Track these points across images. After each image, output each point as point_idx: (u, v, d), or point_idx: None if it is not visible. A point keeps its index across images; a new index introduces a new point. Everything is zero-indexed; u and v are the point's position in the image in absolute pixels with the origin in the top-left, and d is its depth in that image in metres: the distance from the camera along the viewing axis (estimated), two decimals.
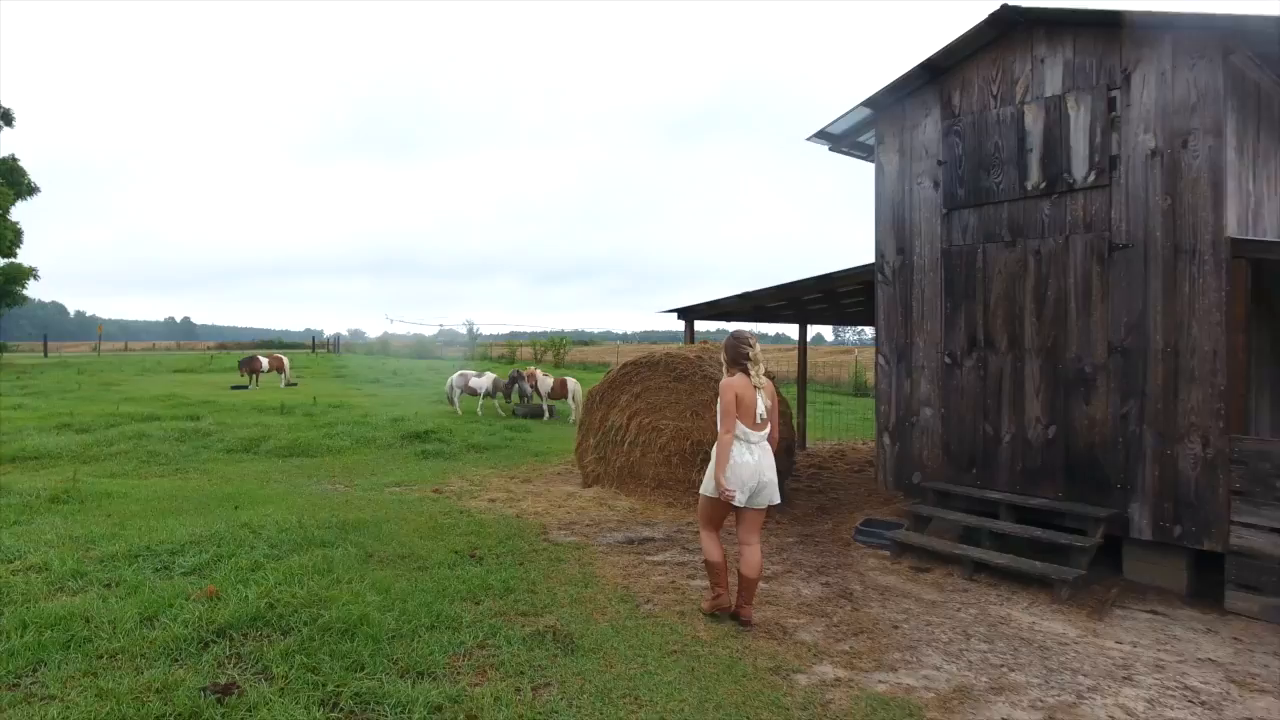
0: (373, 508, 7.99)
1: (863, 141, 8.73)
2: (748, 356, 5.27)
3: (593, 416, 8.94)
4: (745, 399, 5.18)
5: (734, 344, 5.35)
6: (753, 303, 10.03)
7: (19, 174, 39.04)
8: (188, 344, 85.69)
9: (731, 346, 5.36)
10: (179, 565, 5.87)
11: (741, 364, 5.28)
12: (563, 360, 38.65)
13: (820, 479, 10.31)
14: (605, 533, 7.32)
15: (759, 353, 5.35)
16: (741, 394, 5.17)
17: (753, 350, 5.30)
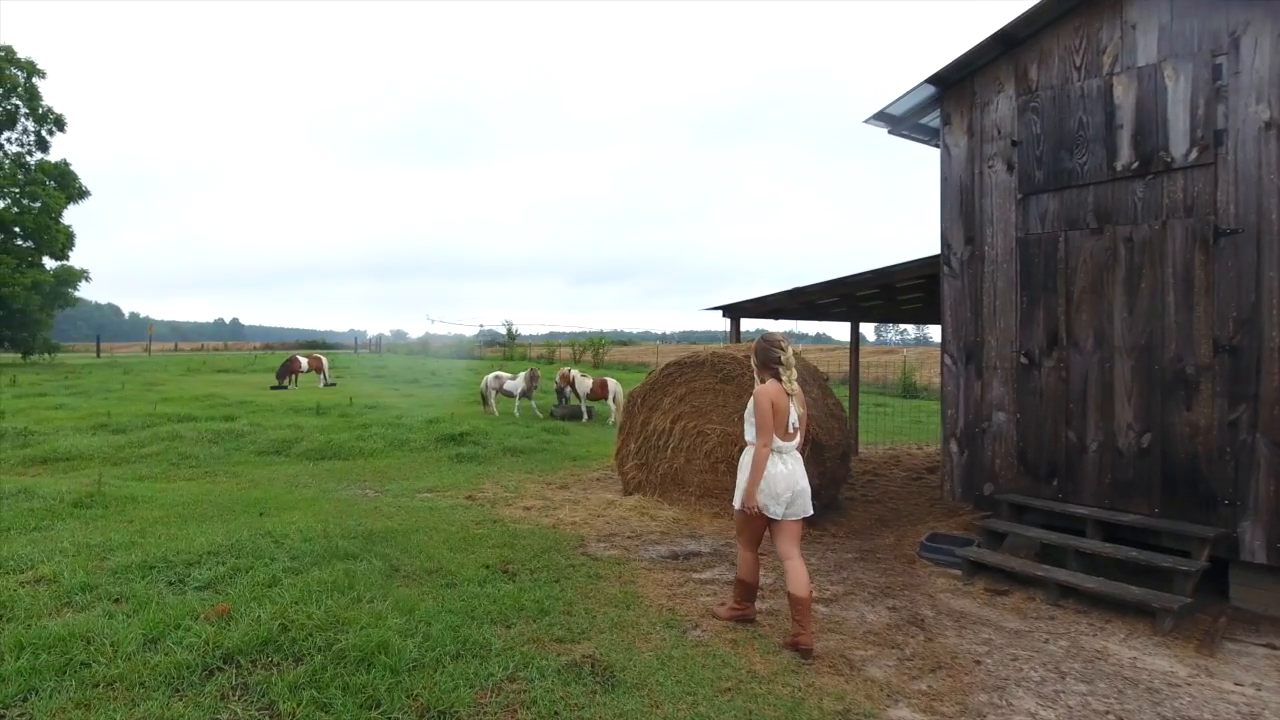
0: (402, 515, 7.57)
1: (925, 124, 8.09)
2: (779, 361, 4.91)
3: (633, 420, 8.43)
4: (779, 407, 4.84)
5: (765, 347, 4.96)
6: (803, 299, 9.42)
7: (70, 178, 39.93)
8: (235, 344, 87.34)
9: (762, 350, 4.97)
10: (194, 578, 5.50)
11: (773, 368, 4.93)
12: (602, 360, 38.25)
13: (876, 487, 9.66)
14: (647, 546, 6.80)
15: (791, 356, 5.00)
16: (776, 402, 4.82)
17: (785, 354, 4.94)
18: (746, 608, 5.10)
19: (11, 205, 37.92)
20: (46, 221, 38.40)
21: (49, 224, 38.49)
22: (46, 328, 39.41)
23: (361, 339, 66.06)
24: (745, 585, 5.08)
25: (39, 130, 40.03)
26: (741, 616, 5.09)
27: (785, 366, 4.92)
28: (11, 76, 38.01)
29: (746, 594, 5.10)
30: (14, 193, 37.83)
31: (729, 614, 5.10)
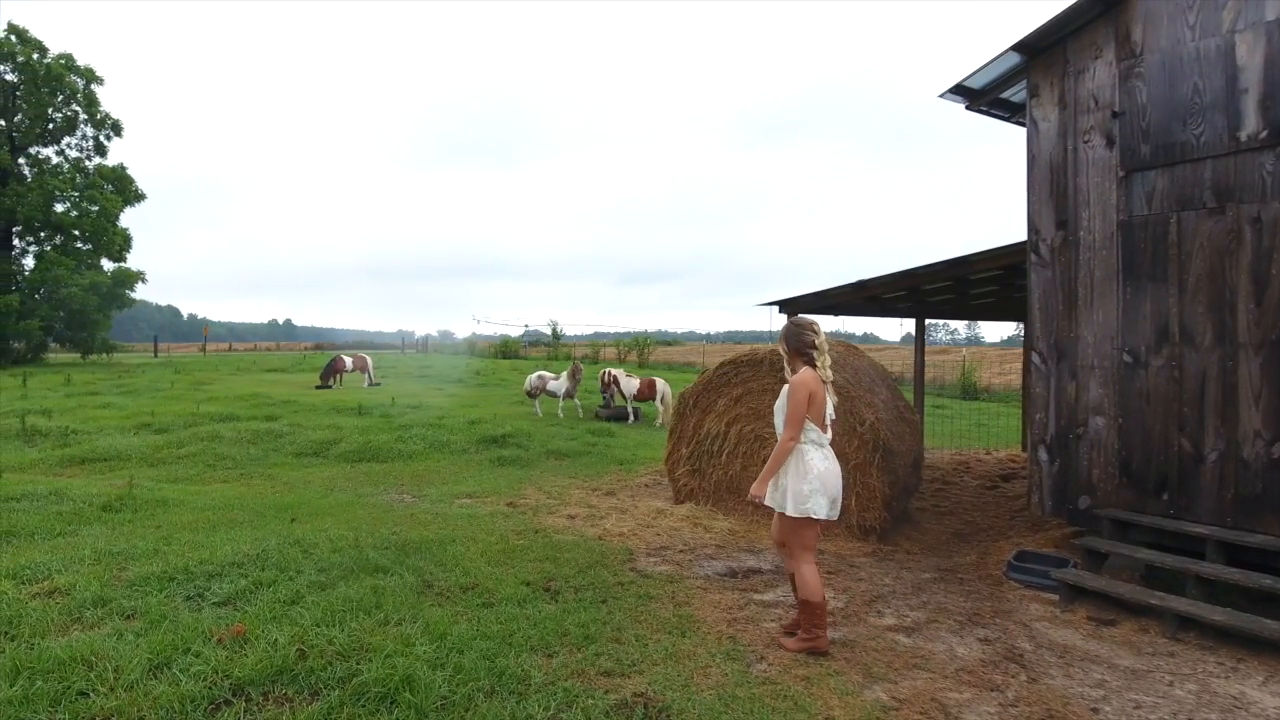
0: (438, 524, 7.11)
1: (1007, 98, 7.36)
2: (813, 345, 4.54)
3: (685, 423, 7.84)
4: (817, 397, 4.46)
5: (796, 330, 4.52)
6: (867, 293, 8.74)
7: (127, 182, 40.79)
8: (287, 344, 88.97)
9: (794, 334, 4.52)
10: (213, 593, 5.10)
11: (806, 354, 4.53)
12: (647, 360, 37.73)
13: (947, 496, 8.92)
14: (702, 561, 6.22)
15: (824, 341, 4.63)
16: (815, 392, 4.45)
17: (818, 338, 4.57)
18: (818, 637, 4.49)
19: (71, 209, 38.88)
20: (104, 224, 39.30)
21: (106, 226, 39.39)
22: (104, 328, 40.31)
23: (409, 339, 66.61)
24: (814, 609, 4.49)
25: (97, 135, 41.04)
26: (813, 648, 4.48)
27: (819, 351, 4.52)
28: (71, 83, 38.96)
29: (816, 618, 4.49)
30: (73, 196, 38.75)
31: (799, 646, 4.50)
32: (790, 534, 4.57)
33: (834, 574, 5.97)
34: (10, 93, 38.11)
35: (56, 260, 37.39)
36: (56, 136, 40.20)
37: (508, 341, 53.56)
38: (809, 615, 4.50)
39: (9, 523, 6.80)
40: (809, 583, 4.51)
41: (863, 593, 5.56)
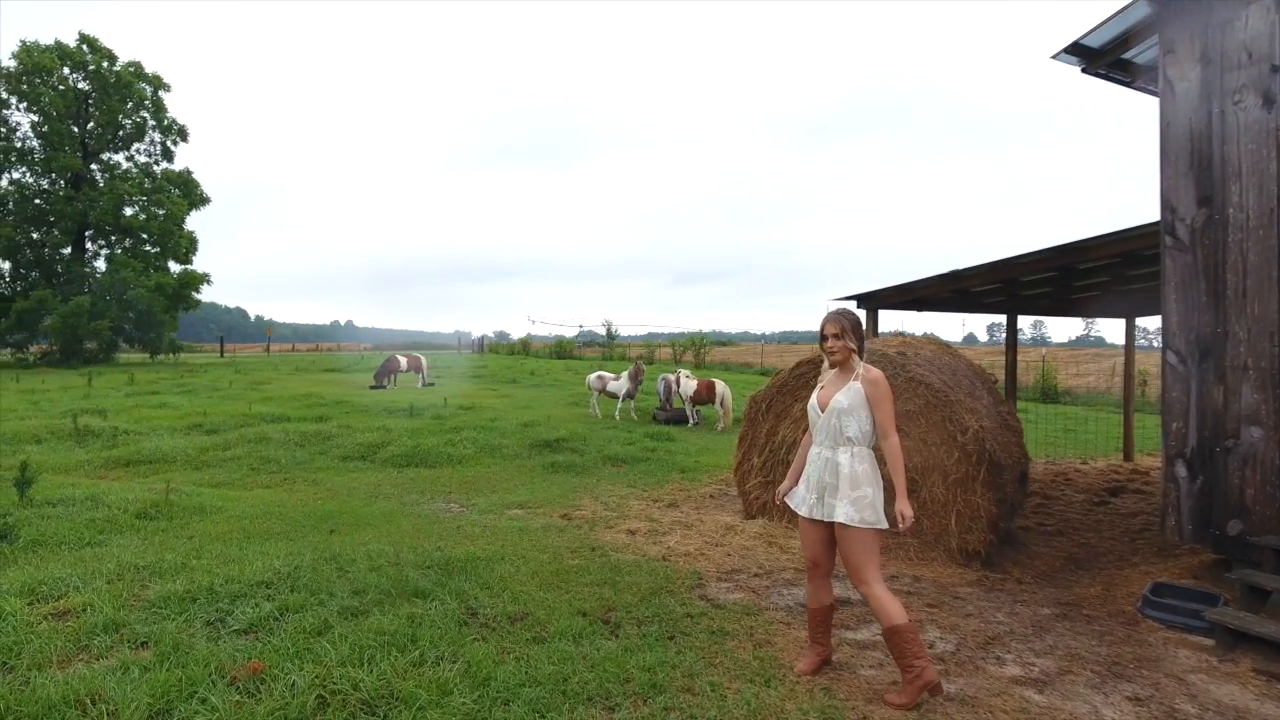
0: (487, 538, 6.51)
1: (1130, 59, 6.42)
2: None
3: (757, 429, 7.09)
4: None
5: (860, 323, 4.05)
6: (958, 285, 7.86)
7: (192, 185, 41.67)
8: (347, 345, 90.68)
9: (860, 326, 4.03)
10: (236, 618, 4.56)
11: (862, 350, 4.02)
12: (703, 361, 36.91)
13: (1050, 513, 7.97)
14: (781, 588, 5.46)
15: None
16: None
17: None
18: (923, 669, 3.72)
19: (139, 212, 39.86)
20: (171, 227, 40.24)
21: (173, 229, 40.32)
22: (171, 328, 41.24)
23: (465, 339, 67.02)
24: (906, 634, 3.77)
25: (164, 141, 42.10)
26: (925, 686, 3.71)
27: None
28: (140, 90, 39.97)
29: (911, 646, 3.76)
30: (141, 200, 39.73)
31: (908, 699, 3.72)
32: (866, 552, 3.84)
33: (936, 607, 5.16)
34: (83, 100, 39.25)
35: (125, 263, 38.39)
36: (127, 143, 41.34)
37: (562, 342, 53.32)
38: (902, 645, 3.77)
39: (38, 531, 6.43)
40: (891, 605, 3.80)
41: (975, 632, 4.74)
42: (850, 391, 3.87)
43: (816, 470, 3.90)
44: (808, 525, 3.98)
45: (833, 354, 3.93)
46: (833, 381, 3.98)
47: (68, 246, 39.52)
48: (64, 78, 38.48)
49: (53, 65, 37.45)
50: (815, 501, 3.89)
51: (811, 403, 3.99)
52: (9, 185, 38.20)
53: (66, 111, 38.13)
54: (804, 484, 3.99)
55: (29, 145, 38.33)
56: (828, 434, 3.88)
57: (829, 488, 3.85)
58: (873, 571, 3.83)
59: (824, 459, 3.88)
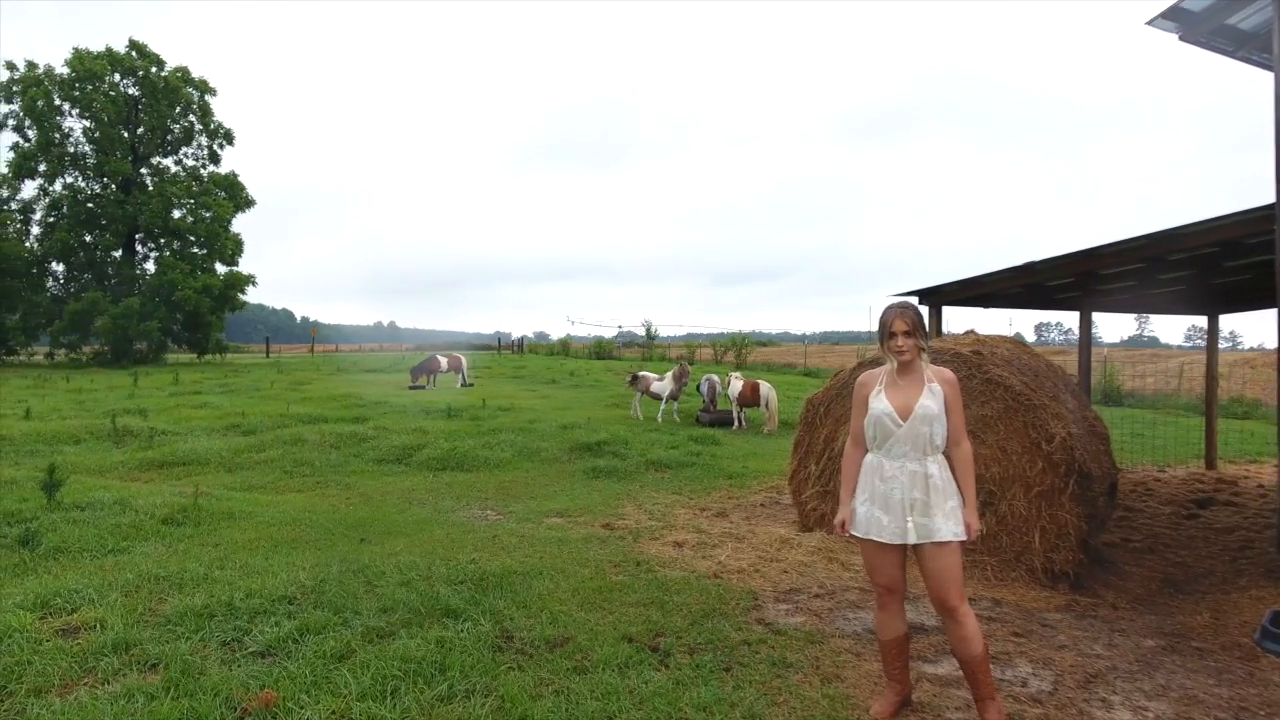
0: (524, 550, 6.10)
1: (1235, 24, 5.78)
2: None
3: (814, 434, 6.56)
4: None
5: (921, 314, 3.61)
6: (1031, 278, 7.25)
7: (238, 188, 42.25)
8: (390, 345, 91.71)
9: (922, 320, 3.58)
10: (254, 638, 4.21)
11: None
12: (745, 361, 36.28)
13: (1134, 526, 7.31)
14: (845, 612, 4.95)
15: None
16: None
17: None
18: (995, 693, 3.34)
19: (187, 215, 40.52)
20: (217, 229, 40.81)
21: (219, 232, 40.89)
22: (218, 329, 41.86)
23: (506, 340, 67.21)
24: (978, 662, 3.37)
25: (211, 145, 42.72)
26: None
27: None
28: (187, 95, 40.63)
29: (988, 671, 3.38)
30: (189, 203, 40.37)
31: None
32: (960, 568, 3.40)
33: (1023, 637, 4.60)
34: (133, 106, 40.02)
35: (173, 264, 39.03)
36: (175, 147, 42.09)
37: (601, 342, 53.05)
38: (987, 673, 3.38)
39: (61, 537, 6.18)
40: (969, 634, 3.37)
41: (1072, 668, 4.18)
42: (934, 395, 3.39)
43: (901, 488, 3.37)
44: (883, 549, 3.46)
45: (903, 353, 3.42)
46: (898, 385, 3.46)
47: (119, 249, 40.33)
48: (115, 84, 39.28)
49: (104, 71, 38.24)
50: (901, 523, 3.38)
51: (881, 410, 3.41)
52: (63, 190, 39.09)
53: (117, 117, 38.90)
54: (878, 505, 3.43)
55: (81, 150, 39.20)
56: (914, 444, 3.37)
57: (918, 504, 3.35)
58: (960, 588, 3.39)
59: (909, 473, 3.37)
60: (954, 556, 3.35)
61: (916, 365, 3.46)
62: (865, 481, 3.49)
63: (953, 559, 3.34)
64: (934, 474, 3.35)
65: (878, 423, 3.43)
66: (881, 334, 3.50)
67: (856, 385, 3.60)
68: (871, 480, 3.46)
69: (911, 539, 3.37)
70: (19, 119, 37.77)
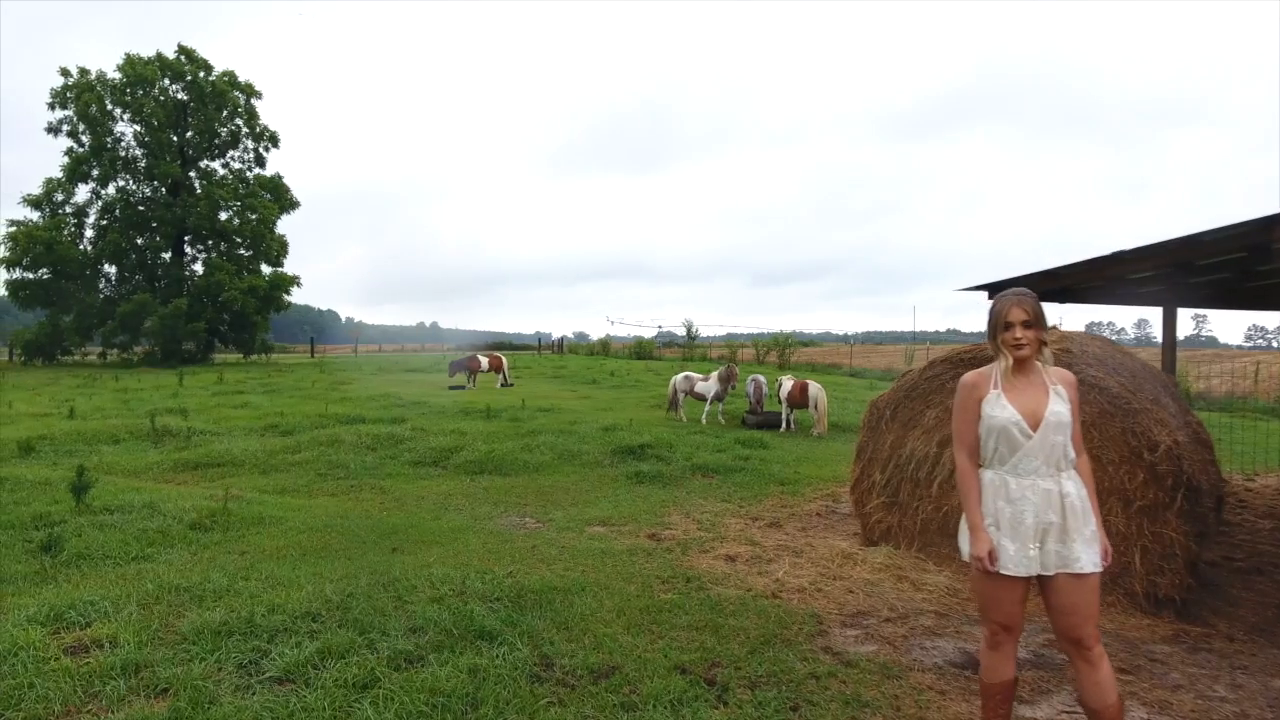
0: (564, 562, 5.68)
1: None
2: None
3: (879, 440, 6.03)
4: None
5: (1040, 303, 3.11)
6: (1116, 270, 6.61)
7: (283, 190, 42.76)
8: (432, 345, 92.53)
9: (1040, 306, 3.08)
10: (272, 660, 3.87)
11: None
12: (788, 361, 35.57)
13: (1235, 543, 6.63)
14: (922, 639, 4.43)
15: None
16: None
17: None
18: None
19: (233, 217, 41.08)
20: (263, 231, 41.31)
21: (265, 233, 41.39)
22: (263, 329, 42.36)
23: (546, 340, 67.23)
24: (1112, 713, 2.90)
25: (257, 148, 43.28)
26: None
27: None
28: (234, 99, 41.19)
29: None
30: (235, 205, 40.93)
31: None
32: (1098, 603, 2.93)
33: (1130, 674, 4.04)
34: (182, 110, 40.70)
35: (220, 265, 39.60)
36: (222, 150, 42.72)
37: (641, 342, 52.64)
38: None
39: (85, 543, 5.94)
40: (1112, 676, 2.91)
41: (1192, 713, 3.62)
42: (1061, 398, 2.89)
43: (1033, 509, 2.86)
44: (1007, 582, 2.93)
45: (1022, 347, 2.91)
46: (1017, 387, 2.95)
47: (168, 251, 41.05)
48: (164, 88, 39.97)
49: (154, 76, 38.93)
50: (1036, 552, 2.87)
51: (1007, 418, 2.90)
52: (115, 193, 39.92)
53: (167, 121, 39.57)
54: (1005, 531, 2.91)
55: (132, 154, 39.96)
56: (1047, 458, 2.86)
57: (1053, 529, 2.85)
58: (1095, 626, 2.91)
59: (1043, 491, 2.86)
60: (1094, 589, 2.85)
61: (1033, 363, 2.95)
62: (987, 503, 2.98)
63: (1092, 593, 2.85)
64: (1070, 493, 2.85)
65: (1003, 433, 2.91)
66: (994, 326, 2.99)
67: (963, 387, 3.08)
68: (994, 502, 2.94)
69: (1044, 568, 2.86)
70: (73, 124, 38.63)
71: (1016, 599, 2.93)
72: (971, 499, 3.00)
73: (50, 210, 38.24)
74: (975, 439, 3.01)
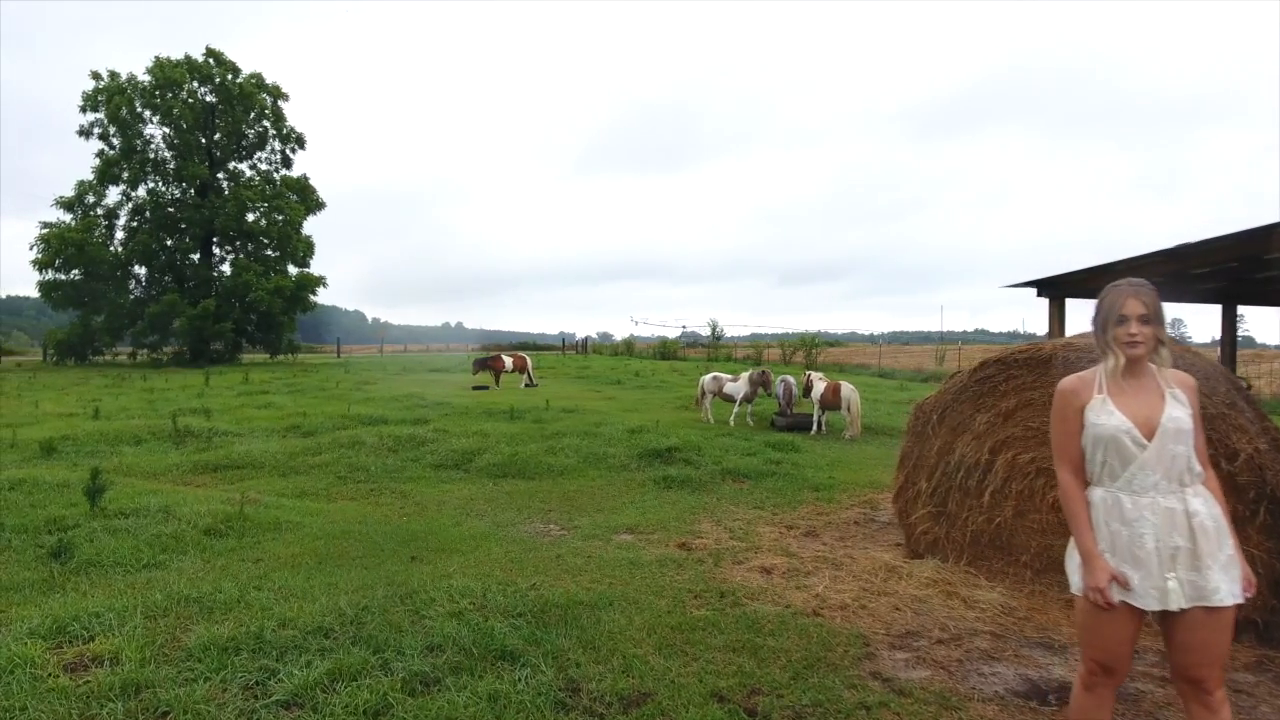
0: (591, 574, 5.39)
1: None
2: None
3: (925, 446, 5.67)
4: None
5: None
6: (1178, 265, 6.21)
7: (309, 191, 42.96)
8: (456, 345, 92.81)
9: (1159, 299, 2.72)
10: (280, 682, 3.61)
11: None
12: (814, 362, 35.08)
13: None
14: (979, 664, 4.08)
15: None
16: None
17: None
18: None
19: (260, 218, 41.34)
20: (289, 232, 41.53)
21: (291, 234, 41.60)
22: (290, 330, 42.56)
23: (570, 340, 67.12)
24: None
25: (283, 149, 43.53)
26: None
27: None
28: (260, 101, 41.45)
29: None
30: (262, 206, 41.18)
31: None
32: (1230, 642, 2.58)
33: None
34: (209, 112, 41.04)
35: (247, 266, 39.85)
36: (250, 152, 43.02)
37: (666, 343, 52.30)
38: None
39: (96, 549, 5.75)
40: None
41: None
42: (1180, 403, 2.53)
43: (1153, 531, 2.48)
44: (1124, 618, 2.54)
45: (1137, 345, 2.55)
46: (1125, 391, 2.58)
47: (196, 252, 41.40)
48: (193, 91, 40.29)
49: (183, 79, 39.26)
50: (1158, 581, 2.48)
51: (1115, 426, 2.52)
52: (145, 194, 40.34)
53: (195, 123, 39.89)
54: (1123, 558, 2.53)
55: (161, 156, 40.33)
56: (1167, 471, 2.49)
57: (1181, 555, 2.47)
58: (1222, 669, 2.56)
59: (1164, 511, 2.48)
60: (1229, 626, 2.49)
61: (1146, 365, 2.60)
62: (1099, 526, 2.61)
63: (1227, 630, 2.49)
64: (1199, 511, 2.48)
65: (1112, 444, 2.54)
66: (1103, 320, 2.62)
67: (1061, 394, 2.72)
68: (1107, 524, 2.57)
69: (1177, 602, 2.47)
70: (104, 127, 39.07)
71: (1127, 636, 2.56)
72: (1080, 522, 2.62)
73: (82, 212, 38.73)
74: (1079, 453, 2.65)
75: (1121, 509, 2.53)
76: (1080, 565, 2.60)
